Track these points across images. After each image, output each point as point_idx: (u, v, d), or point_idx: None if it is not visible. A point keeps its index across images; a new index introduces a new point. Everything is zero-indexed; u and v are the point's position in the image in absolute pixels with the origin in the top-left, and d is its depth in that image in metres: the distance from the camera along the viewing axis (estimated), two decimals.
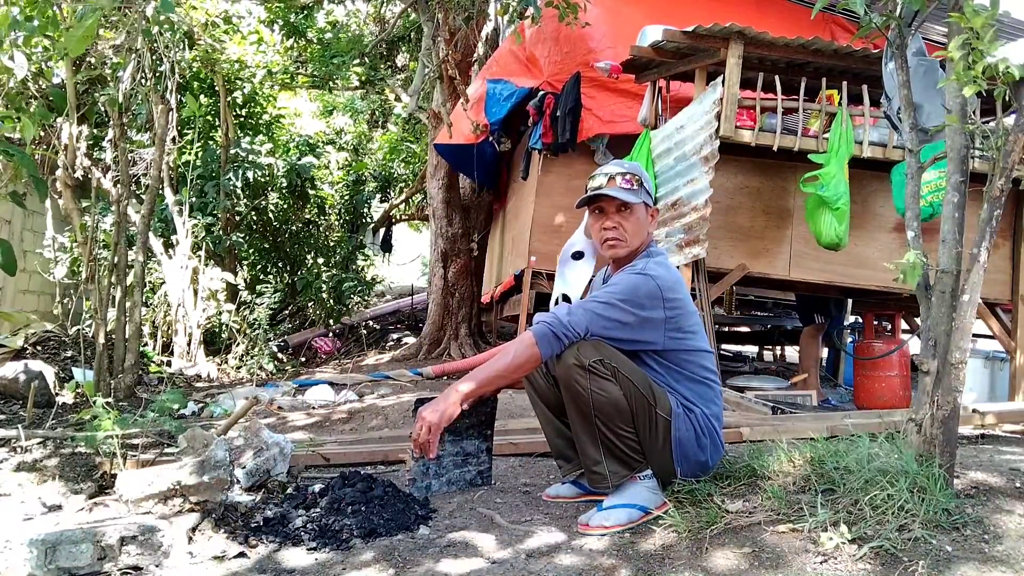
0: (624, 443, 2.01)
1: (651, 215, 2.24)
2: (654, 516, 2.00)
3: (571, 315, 2.01)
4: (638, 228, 2.17)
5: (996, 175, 1.85)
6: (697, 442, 2.09)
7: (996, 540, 1.68)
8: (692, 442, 2.08)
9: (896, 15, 2.07)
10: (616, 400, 1.98)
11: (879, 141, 4.44)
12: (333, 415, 4.06)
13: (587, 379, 1.97)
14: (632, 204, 2.14)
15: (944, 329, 1.90)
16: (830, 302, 5.45)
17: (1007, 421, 3.32)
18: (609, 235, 2.17)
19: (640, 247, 2.20)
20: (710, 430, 2.12)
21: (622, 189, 2.13)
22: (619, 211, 2.15)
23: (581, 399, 1.99)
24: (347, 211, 10.31)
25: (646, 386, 2.02)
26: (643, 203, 2.17)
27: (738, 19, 4.27)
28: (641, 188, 2.16)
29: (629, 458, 2.03)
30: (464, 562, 1.82)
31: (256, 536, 1.99)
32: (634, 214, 2.16)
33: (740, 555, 1.72)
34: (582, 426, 2.05)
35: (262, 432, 2.48)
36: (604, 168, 2.21)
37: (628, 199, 2.12)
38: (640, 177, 2.18)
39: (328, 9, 9.29)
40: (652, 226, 2.24)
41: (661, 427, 2.04)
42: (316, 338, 8.44)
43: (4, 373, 4.23)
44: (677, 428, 2.05)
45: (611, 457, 2.03)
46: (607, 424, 2.00)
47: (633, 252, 2.19)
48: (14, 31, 3.06)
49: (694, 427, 2.08)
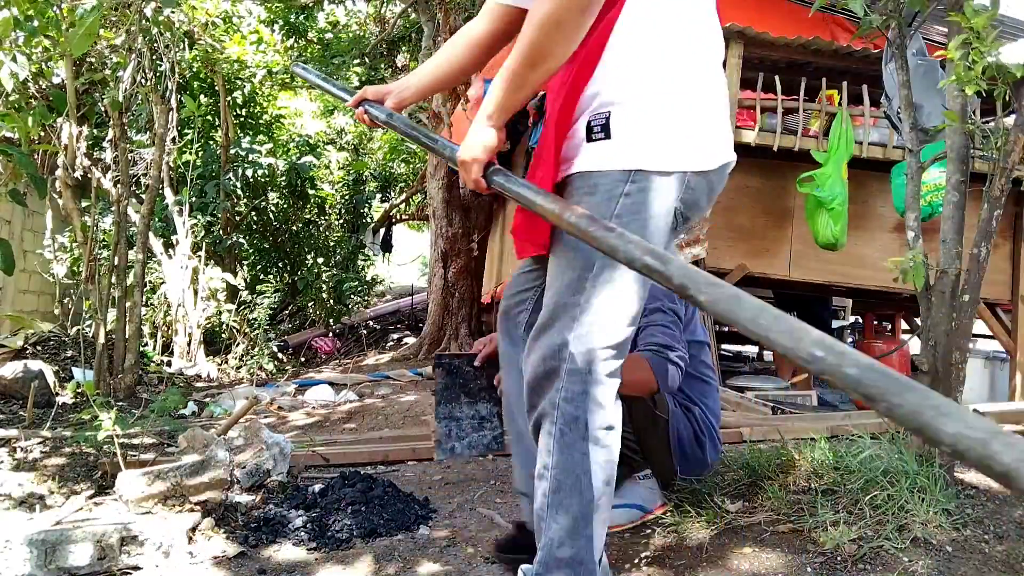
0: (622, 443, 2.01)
1: None
2: (654, 516, 2.00)
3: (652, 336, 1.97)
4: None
5: (996, 175, 1.86)
6: (696, 440, 2.09)
7: (996, 540, 1.68)
8: (691, 440, 2.08)
9: (896, 15, 2.07)
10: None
11: (879, 141, 4.44)
12: (333, 415, 4.06)
13: None
14: None
15: (944, 329, 1.90)
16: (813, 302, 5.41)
17: (1007, 421, 3.31)
18: None
19: None
20: (708, 427, 2.12)
21: None
22: None
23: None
24: (347, 211, 10.31)
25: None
26: None
27: (738, 19, 4.27)
28: None
29: (627, 458, 2.02)
30: (464, 562, 1.82)
31: (256, 536, 1.99)
32: None
33: (740, 555, 1.72)
34: None
35: (262, 432, 2.48)
36: None
37: None
38: None
39: (328, 9, 9.29)
40: None
41: (660, 427, 2.04)
42: (316, 338, 8.44)
43: (4, 373, 4.23)
44: (676, 427, 2.06)
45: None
46: None
47: None
48: (14, 31, 3.07)
49: (693, 426, 2.09)
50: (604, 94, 1.35)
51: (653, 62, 1.34)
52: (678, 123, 1.35)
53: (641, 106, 1.33)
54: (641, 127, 1.33)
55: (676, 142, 1.35)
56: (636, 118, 1.33)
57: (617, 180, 1.33)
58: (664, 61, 1.34)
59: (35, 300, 7.57)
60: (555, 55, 1.30)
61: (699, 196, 1.41)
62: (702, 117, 1.38)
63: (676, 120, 1.35)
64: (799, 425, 3.14)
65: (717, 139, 1.42)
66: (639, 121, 1.33)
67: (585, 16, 1.27)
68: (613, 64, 1.34)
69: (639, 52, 1.34)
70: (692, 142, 1.36)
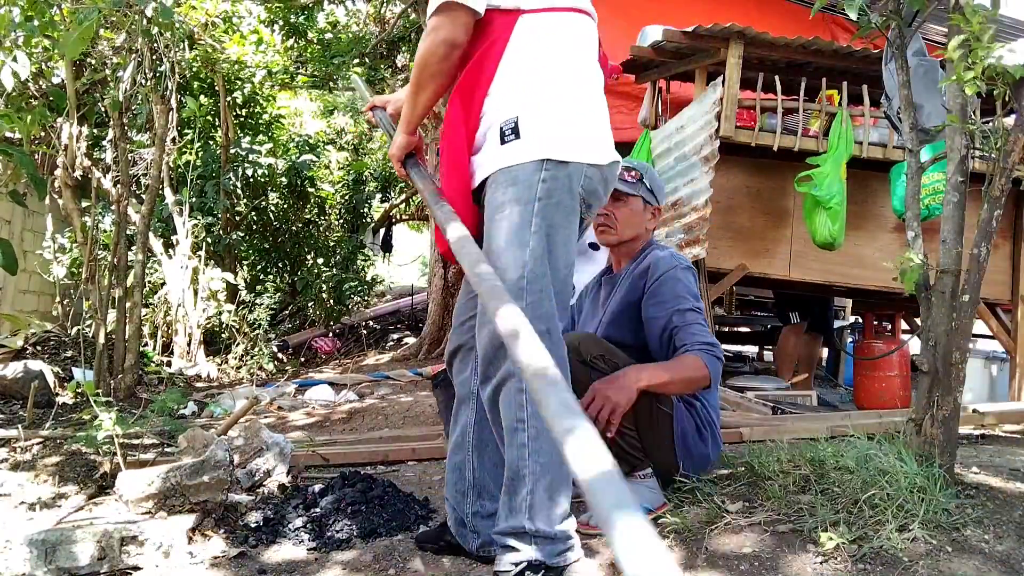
0: (624, 440, 2.01)
1: (652, 212, 2.31)
2: (654, 516, 2.00)
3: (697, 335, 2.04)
4: (630, 219, 2.27)
5: (996, 175, 1.85)
6: (699, 435, 2.10)
7: (996, 540, 1.68)
8: (694, 435, 2.09)
9: (896, 15, 2.07)
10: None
11: (879, 141, 4.44)
12: (333, 415, 4.06)
13: (587, 375, 1.97)
14: (626, 195, 2.25)
15: (944, 329, 1.90)
16: (812, 302, 5.41)
17: (1007, 421, 3.31)
18: (599, 220, 2.27)
19: (637, 240, 2.30)
20: (710, 422, 2.14)
21: (621, 181, 2.22)
22: (613, 200, 2.23)
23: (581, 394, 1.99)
24: (347, 211, 10.30)
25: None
26: (640, 197, 2.27)
27: (738, 19, 4.27)
28: (640, 183, 2.27)
29: (629, 455, 2.03)
30: (464, 562, 1.82)
31: (256, 536, 1.99)
32: (628, 205, 2.26)
33: (740, 555, 1.72)
34: None
35: (262, 432, 2.48)
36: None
37: (622, 188, 2.22)
38: (642, 173, 2.28)
39: (328, 9, 9.28)
40: (652, 223, 2.32)
41: (663, 422, 2.04)
42: (316, 338, 8.43)
43: (4, 373, 4.23)
44: (679, 422, 2.06)
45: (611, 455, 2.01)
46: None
47: (631, 245, 2.30)
48: (14, 31, 3.07)
49: (695, 420, 2.10)
50: (507, 107, 1.67)
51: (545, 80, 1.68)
52: (572, 126, 1.69)
53: (541, 112, 1.66)
54: (545, 127, 1.66)
55: (573, 139, 1.68)
56: (539, 121, 1.66)
57: (533, 170, 1.64)
58: (555, 79, 1.69)
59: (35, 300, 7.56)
60: (429, 87, 1.72)
61: (596, 185, 1.74)
62: (590, 123, 1.74)
63: (570, 123, 1.69)
64: (799, 425, 3.14)
65: (605, 141, 1.78)
66: (542, 123, 1.66)
67: (444, 62, 1.67)
68: (510, 83, 1.68)
69: (532, 72, 1.68)
70: (585, 142, 1.71)
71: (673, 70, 4.74)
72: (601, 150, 1.75)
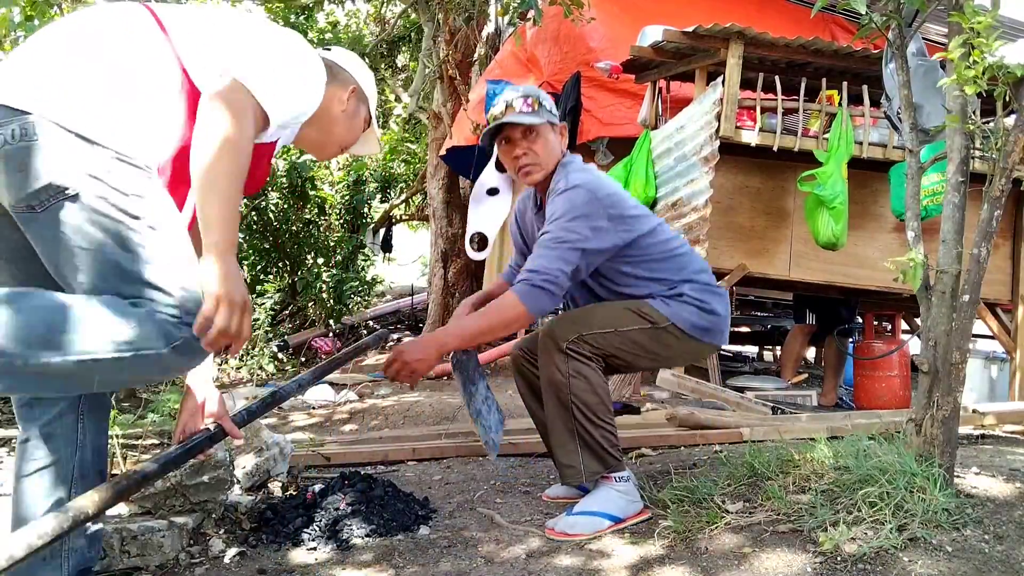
0: (602, 435, 1.97)
1: (560, 132, 2.19)
2: (626, 526, 1.96)
3: (538, 261, 1.96)
4: (548, 148, 2.12)
5: (996, 175, 1.85)
6: (701, 310, 2.09)
7: (996, 540, 1.68)
8: (697, 315, 2.09)
9: (896, 15, 2.07)
10: (596, 386, 1.96)
11: (879, 141, 4.44)
12: (334, 415, 4.06)
13: (565, 362, 1.94)
14: (537, 126, 2.10)
15: (944, 329, 1.90)
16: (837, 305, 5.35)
17: (1007, 421, 3.31)
18: (522, 162, 2.12)
19: (555, 166, 2.15)
20: (703, 289, 2.12)
21: (523, 113, 2.08)
22: (525, 136, 2.11)
23: (557, 383, 1.96)
24: (347, 211, 10.30)
25: (634, 320, 2.03)
26: (548, 122, 2.13)
27: (738, 19, 4.28)
28: (542, 108, 2.12)
29: (606, 453, 1.98)
30: (464, 562, 1.82)
31: (256, 536, 1.99)
32: (541, 136, 2.11)
33: (740, 555, 1.72)
34: (557, 412, 1.99)
35: (262, 432, 2.48)
36: (501, 96, 2.16)
37: (531, 121, 2.07)
38: (538, 98, 2.12)
39: (328, 9, 9.28)
40: (562, 143, 2.19)
41: (672, 333, 2.06)
42: (316, 338, 8.43)
43: None
44: (682, 319, 2.06)
45: (586, 450, 1.97)
46: (584, 412, 1.95)
47: (549, 173, 2.14)
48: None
49: (691, 304, 2.08)
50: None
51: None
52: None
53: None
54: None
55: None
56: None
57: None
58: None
59: None
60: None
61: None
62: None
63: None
64: (799, 425, 3.14)
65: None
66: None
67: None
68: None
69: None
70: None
71: (673, 70, 4.75)
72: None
